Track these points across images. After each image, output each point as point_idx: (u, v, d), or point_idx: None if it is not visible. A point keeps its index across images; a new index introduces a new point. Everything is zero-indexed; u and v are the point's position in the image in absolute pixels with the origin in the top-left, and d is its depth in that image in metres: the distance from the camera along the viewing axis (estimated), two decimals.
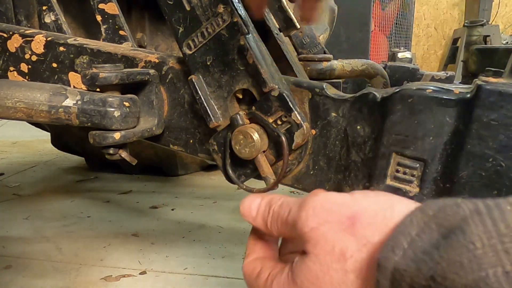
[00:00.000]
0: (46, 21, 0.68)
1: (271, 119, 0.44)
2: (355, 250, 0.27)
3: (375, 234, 0.27)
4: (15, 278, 0.96)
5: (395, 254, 0.24)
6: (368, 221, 0.28)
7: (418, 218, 0.25)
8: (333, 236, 0.28)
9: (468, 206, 0.24)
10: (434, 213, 0.25)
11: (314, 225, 0.30)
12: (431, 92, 0.41)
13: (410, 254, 0.24)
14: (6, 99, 0.49)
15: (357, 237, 0.28)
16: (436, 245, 0.23)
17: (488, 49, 3.67)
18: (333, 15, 1.50)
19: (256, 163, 0.44)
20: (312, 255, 0.29)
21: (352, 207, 0.29)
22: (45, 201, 1.49)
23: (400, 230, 0.25)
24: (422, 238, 0.24)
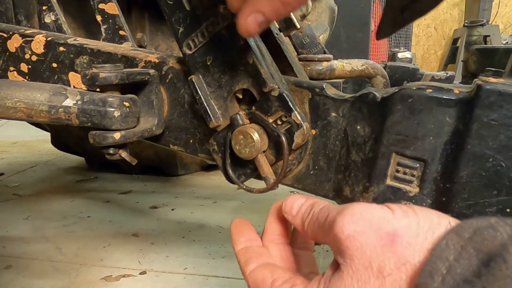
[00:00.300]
0: (46, 21, 0.68)
1: (271, 119, 0.44)
2: (394, 268, 0.27)
3: (415, 255, 0.27)
4: (15, 278, 0.96)
5: (433, 281, 0.24)
6: (408, 240, 0.27)
7: (454, 242, 0.25)
8: (372, 251, 0.28)
9: (506, 230, 0.23)
10: (470, 236, 0.24)
11: (351, 233, 0.29)
12: (431, 92, 0.41)
13: (449, 281, 0.23)
14: (6, 99, 0.49)
15: (397, 255, 0.27)
16: (477, 274, 0.23)
17: (488, 49, 3.67)
18: (333, 15, 1.50)
19: (256, 163, 0.44)
20: (348, 269, 0.29)
21: (393, 224, 0.28)
22: (45, 201, 1.49)
23: (437, 254, 0.25)
24: (460, 264, 0.24)
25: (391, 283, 0.27)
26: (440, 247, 0.25)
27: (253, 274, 0.36)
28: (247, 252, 0.39)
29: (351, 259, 0.29)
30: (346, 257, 0.29)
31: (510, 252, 0.22)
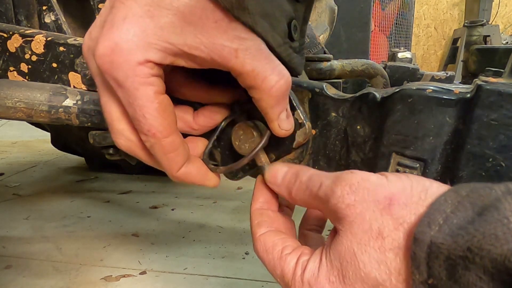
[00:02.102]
0: (46, 21, 0.68)
1: None
2: (392, 229, 0.28)
3: (411, 215, 0.28)
4: (15, 278, 0.96)
5: (431, 229, 0.25)
6: (404, 202, 0.29)
7: (452, 198, 0.26)
8: (371, 215, 0.29)
9: (500, 188, 0.25)
10: (467, 193, 0.26)
11: (351, 202, 0.30)
12: (431, 92, 0.41)
13: (445, 229, 0.25)
14: (6, 99, 0.49)
15: (394, 217, 0.28)
16: (471, 221, 0.24)
17: (488, 49, 3.67)
18: (333, 15, 1.50)
19: (255, 156, 0.44)
20: (348, 234, 0.30)
21: (389, 188, 0.30)
22: (45, 201, 1.49)
23: (435, 207, 0.26)
24: (457, 215, 0.25)
25: (390, 242, 0.28)
26: (439, 202, 0.27)
27: (264, 238, 0.37)
28: (262, 215, 0.39)
29: (350, 225, 0.30)
30: (345, 223, 0.30)
31: (502, 202, 0.24)
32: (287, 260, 0.34)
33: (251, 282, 0.95)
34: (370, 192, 0.30)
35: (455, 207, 0.26)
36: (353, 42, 2.60)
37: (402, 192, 0.29)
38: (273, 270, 0.35)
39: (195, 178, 0.38)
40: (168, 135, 0.33)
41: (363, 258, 0.29)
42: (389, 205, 0.29)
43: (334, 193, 0.31)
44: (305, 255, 0.34)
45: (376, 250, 0.28)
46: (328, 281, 0.31)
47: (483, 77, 0.41)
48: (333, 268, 0.31)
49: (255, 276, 0.96)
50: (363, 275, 0.29)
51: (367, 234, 0.29)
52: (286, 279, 0.34)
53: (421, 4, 6.41)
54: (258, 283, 0.94)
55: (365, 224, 0.29)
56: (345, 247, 0.30)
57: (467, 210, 0.25)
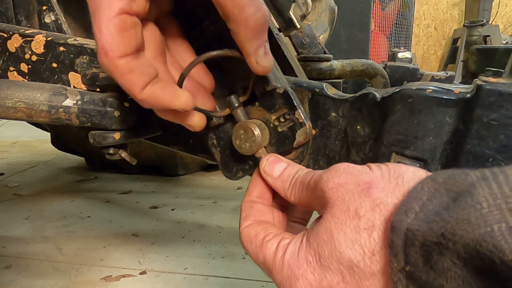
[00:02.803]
0: (46, 21, 0.68)
1: (274, 116, 0.44)
2: (369, 209, 0.29)
3: (388, 197, 0.29)
4: (15, 278, 0.96)
5: (407, 217, 0.26)
6: (382, 186, 0.30)
7: (429, 185, 0.27)
8: (350, 197, 0.30)
9: (476, 174, 0.26)
10: (444, 180, 0.27)
11: (334, 185, 0.32)
12: (431, 92, 0.41)
13: (421, 216, 0.26)
14: (6, 99, 0.49)
15: (371, 198, 0.29)
16: (446, 208, 0.25)
17: (488, 49, 3.67)
18: (333, 15, 1.50)
19: (257, 155, 0.44)
20: (328, 215, 0.31)
21: (369, 175, 0.31)
22: (45, 201, 1.49)
23: (412, 195, 0.27)
24: (433, 202, 0.26)
25: (365, 222, 0.29)
26: (416, 190, 0.27)
27: (247, 229, 0.38)
28: (251, 208, 0.40)
29: (332, 207, 0.31)
30: (327, 206, 0.32)
31: (476, 187, 0.24)
32: (268, 245, 0.35)
33: (251, 282, 0.95)
34: (352, 176, 0.31)
35: (431, 194, 0.26)
36: (353, 42, 2.60)
37: (380, 178, 0.30)
38: (256, 258, 0.36)
39: (161, 99, 0.36)
40: (122, 55, 0.32)
41: (338, 237, 0.30)
42: (367, 188, 0.30)
43: (321, 179, 0.33)
44: (286, 239, 0.35)
45: (352, 230, 0.29)
46: (306, 261, 0.31)
47: (483, 77, 0.41)
48: (311, 248, 0.31)
49: (255, 276, 0.96)
50: (338, 255, 0.29)
51: (344, 214, 0.30)
52: (268, 263, 0.34)
53: (421, 4, 6.40)
54: (258, 283, 0.94)
55: (344, 205, 0.30)
56: (324, 226, 0.31)
57: (443, 196, 0.26)
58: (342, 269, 0.29)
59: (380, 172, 0.31)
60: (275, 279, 0.34)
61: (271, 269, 0.34)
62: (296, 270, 0.32)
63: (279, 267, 0.33)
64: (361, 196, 0.30)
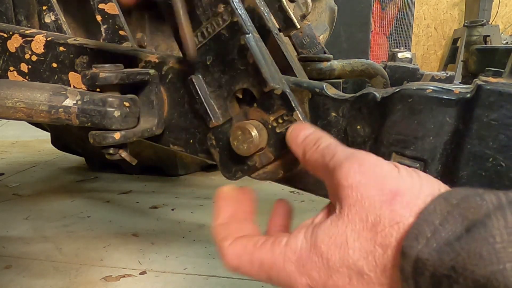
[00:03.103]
0: (46, 21, 0.68)
1: (272, 117, 0.44)
2: (387, 225, 0.28)
3: (409, 217, 0.27)
4: (15, 278, 0.96)
5: (418, 243, 0.25)
6: (408, 200, 0.28)
7: (442, 207, 0.26)
8: (370, 204, 0.28)
9: (492, 200, 0.24)
10: (458, 202, 0.25)
11: (355, 182, 0.29)
12: (431, 92, 0.41)
13: (433, 244, 0.24)
14: (6, 99, 0.49)
15: (393, 213, 0.28)
16: (459, 238, 0.24)
17: (488, 49, 3.67)
18: (333, 15, 1.50)
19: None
20: (345, 218, 0.29)
21: (397, 182, 0.29)
22: (45, 201, 1.49)
23: (424, 217, 0.26)
24: (445, 228, 0.25)
25: (382, 238, 0.28)
26: (428, 211, 0.26)
27: (232, 247, 0.36)
28: (227, 228, 0.39)
29: (349, 209, 0.29)
30: (344, 205, 0.30)
31: (492, 219, 0.23)
32: (262, 248, 0.33)
33: (251, 282, 0.95)
34: (377, 179, 0.29)
35: (444, 217, 0.25)
36: (353, 42, 2.60)
37: (408, 190, 0.28)
38: (250, 268, 0.34)
39: None
40: None
41: (354, 246, 0.29)
42: (391, 199, 0.28)
43: (341, 168, 0.30)
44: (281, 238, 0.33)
45: (368, 241, 0.28)
46: (311, 260, 0.30)
47: (483, 77, 0.41)
48: (317, 249, 0.30)
49: None
50: (350, 262, 0.29)
51: (362, 223, 0.28)
52: (266, 264, 0.33)
53: (421, 4, 6.40)
54: (258, 283, 0.94)
55: (362, 212, 0.29)
56: (340, 230, 0.29)
57: (456, 222, 0.25)
58: (351, 274, 0.29)
59: (410, 181, 0.29)
60: (276, 277, 0.33)
61: (270, 268, 0.33)
62: (301, 268, 0.31)
63: (279, 264, 0.32)
64: (382, 207, 0.28)
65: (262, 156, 0.44)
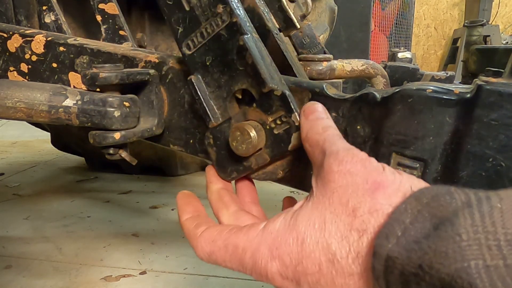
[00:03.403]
0: (46, 21, 0.68)
1: (271, 118, 0.44)
2: (367, 212, 0.28)
3: (390, 206, 0.28)
4: (15, 278, 0.96)
5: (389, 242, 0.25)
6: (389, 193, 0.29)
7: (412, 206, 0.26)
8: (353, 191, 0.29)
9: (461, 197, 0.25)
10: (428, 201, 0.26)
11: (344, 170, 0.30)
12: (431, 92, 0.41)
13: (402, 242, 0.25)
14: (6, 99, 0.49)
15: (374, 201, 0.28)
16: (427, 235, 0.24)
17: (488, 49, 3.67)
18: (333, 15, 1.50)
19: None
20: (326, 201, 0.30)
21: (382, 176, 0.30)
22: (45, 201, 1.49)
23: (395, 217, 0.26)
24: (415, 227, 0.25)
25: (360, 224, 0.28)
26: (399, 211, 0.26)
27: (204, 234, 0.36)
28: (197, 219, 0.40)
29: (332, 192, 0.30)
30: (327, 188, 0.30)
31: (458, 216, 0.23)
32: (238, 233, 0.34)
33: (251, 282, 0.95)
34: (365, 170, 0.30)
35: (414, 217, 0.25)
36: (353, 42, 2.60)
37: (391, 183, 0.29)
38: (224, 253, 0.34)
39: None
40: None
41: (330, 228, 0.29)
42: (374, 189, 0.29)
43: (337, 155, 0.32)
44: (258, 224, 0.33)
45: (345, 225, 0.28)
46: (285, 243, 0.30)
47: (483, 77, 0.41)
48: (294, 230, 0.30)
49: None
50: (324, 245, 0.29)
51: (342, 207, 0.29)
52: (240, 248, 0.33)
53: (421, 4, 6.40)
54: (258, 283, 0.94)
55: (344, 197, 0.29)
56: (319, 212, 0.30)
57: (425, 221, 0.25)
58: (321, 261, 0.29)
59: (392, 177, 0.30)
60: (249, 264, 0.32)
61: (244, 252, 0.32)
62: (274, 250, 0.31)
63: (253, 246, 0.32)
64: (365, 195, 0.29)
65: (258, 157, 0.45)
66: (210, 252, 0.35)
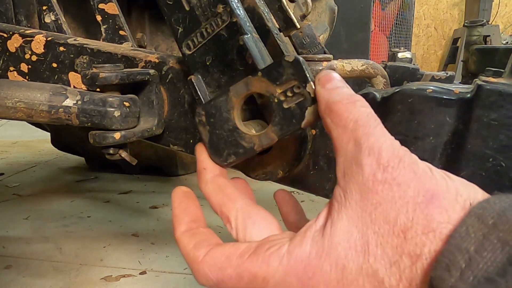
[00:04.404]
0: (46, 21, 0.68)
1: (280, 90, 0.37)
2: (420, 233, 0.23)
3: (448, 224, 0.23)
4: (15, 278, 0.96)
5: (451, 275, 0.21)
6: (446, 205, 0.23)
7: (475, 229, 0.21)
8: (402, 204, 0.24)
9: None
10: (495, 222, 0.21)
11: (389, 179, 0.25)
12: (431, 92, 0.41)
13: (469, 278, 0.20)
14: (6, 99, 0.49)
15: (428, 218, 0.23)
16: (502, 273, 0.20)
17: (488, 49, 3.67)
18: (333, 15, 1.50)
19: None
20: (367, 218, 0.25)
21: (433, 182, 0.24)
22: (45, 201, 1.49)
23: (456, 243, 0.21)
24: (483, 258, 0.20)
25: (413, 247, 0.23)
26: (460, 235, 0.22)
27: (209, 257, 0.30)
28: (195, 235, 0.33)
29: (375, 207, 0.24)
30: (368, 200, 0.25)
31: None
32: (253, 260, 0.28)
33: None
34: (415, 178, 0.24)
35: (479, 243, 0.21)
36: (353, 42, 2.59)
37: (445, 192, 0.24)
38: (236, 282, 0.28)
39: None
40: None
41: (376, 252, 0.24)
42: (428, 201, 0.24)
43: (379, 156, 0.25)
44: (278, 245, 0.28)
45: (393, 248, 0.24)
46: (321, 270, 0.25)
47: (483, 77, 0.41)
48: (331, 253, 0.25)
49: None
50: (369, 271, 0.24)
51: (388, 226, 0.24)
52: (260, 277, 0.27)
53: (421, 4, 6.40)
54: None
55: (391, 213, 0.24)
56: (359, 231, 0.25)
57: (496, 250, 0.20)
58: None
59: (445, 183, 0.24)
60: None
61: (266, 283, 0.27)
62: (306, 280, 0.26)
63: (278, 277, 0.26)
64: (416, 209, 0.24)
65: (263, 137, 0.38)
66: (217, 281, 0.29)
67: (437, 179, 0.25)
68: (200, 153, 0.39)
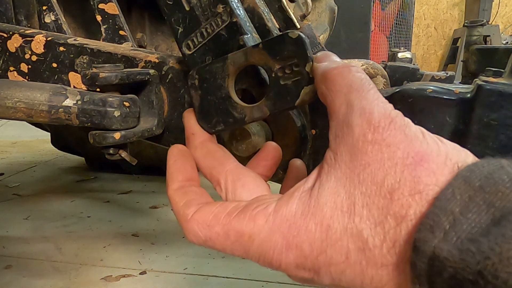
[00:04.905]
0: (46, 21, 0.68)
1: (278, 65, 0.36)
2: (407, 194, 0.23)
3: (435, 186, 0.23)
4: (15, 278, 0.96)
5: (434, 236, 0.21)
6: (434, 168, 0.23)
7: (462, 190, 0.21)
8: (390, 166, 0.24)
9: None
10: (481, 184, 0.21)
11: (379, 139, 0.24)
12: (431, 92, 0.41)
13: (452, 238, 0.20)
14: (6, 99, 0.49)
15: (415, 180, 0.23)
16: (486, 233, 0.19)
17: (488, 49, 3.67)
18: (333, 15, 1.50)
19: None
20: (355, 178, 0.24)
21: (424, 145, 0.24)
22: (45, 201, 1.49)
23: (441, 205, 0.21)
24: (467, 219, 0.20)
25: (398, 208, 0.23)
26: (446, 197, 0.21)
27: (197, 215, 0.30)
28: (187, 193, 0.33)
29: (363, 167, 0.24)
30: (357, 161, 0.25)
31: None
32: (241, 217, 0.28)
33: (251, 282, 0.95)
34: (406, 139, 0.24)
35: (465, 205, 0.21)
36: (353, 42, 2.60)
37: (436, 156, 0.23)
38: (223, 240, 0.29)
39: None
40: None
41: (361, 212, 0.24)
42: (416, 163, 0.23)
43: (370, 116, 0.25)
44: (266, 203, 0.28)
45: (379, 209, 0.23)
46: (306, 229, 0.25)
47: (483, 77, 0.41)
48: (317, 212, 0.25)
49: (255, 276, 0.96)
50: (354, 231, 0.24)
51: (376, 187, 0.24)
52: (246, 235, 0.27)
53: (421, 4, 6.41)
54: (258, 283, 0.94)
55: (379, 174, 0.24)
56: (347, 191, 0.24)
57: (481, 211, 0.20)
58: (350, 249, 0.24)
59: (436, 147, 0.24)
60: (256, 253, 0.27)
61: (251, 241, 0.27)
62: (291, 238, 0.26)
63: (264, 235, 0.26)
64: (404, 171, 0.23)
65: (256, 110, 0.38)
66: (206, 238, 0.30)
67: (428, 142, 0.24)
68: (188, 119, 0.39)
